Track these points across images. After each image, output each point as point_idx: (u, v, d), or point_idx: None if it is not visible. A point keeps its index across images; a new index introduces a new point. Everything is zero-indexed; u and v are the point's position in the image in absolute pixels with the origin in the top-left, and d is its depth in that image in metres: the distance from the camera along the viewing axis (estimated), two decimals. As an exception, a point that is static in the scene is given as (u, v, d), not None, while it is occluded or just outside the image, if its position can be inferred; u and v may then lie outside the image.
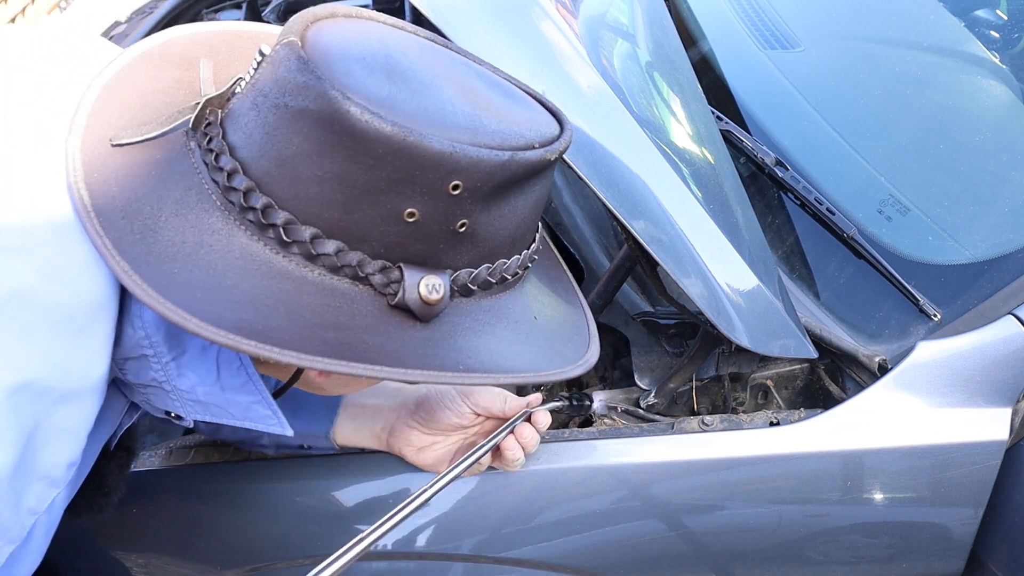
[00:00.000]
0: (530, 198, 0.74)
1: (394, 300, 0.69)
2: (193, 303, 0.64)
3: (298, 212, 0.67)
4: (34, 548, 0.74)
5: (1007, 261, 1.08)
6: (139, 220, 0.68)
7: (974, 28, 1.39)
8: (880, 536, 1.08)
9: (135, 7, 2.24)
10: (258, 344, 0.63)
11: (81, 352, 0.68)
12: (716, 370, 1.12)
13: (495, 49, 0.82)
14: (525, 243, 0.79)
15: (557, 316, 0.83)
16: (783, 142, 1.31)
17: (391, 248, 0.69)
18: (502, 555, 1.05)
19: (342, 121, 0.63)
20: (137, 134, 0.72)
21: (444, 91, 0.69)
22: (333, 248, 0.68)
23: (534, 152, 0.69)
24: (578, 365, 0.79)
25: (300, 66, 0.64)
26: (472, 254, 0.72)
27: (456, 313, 0.73)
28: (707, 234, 0.94)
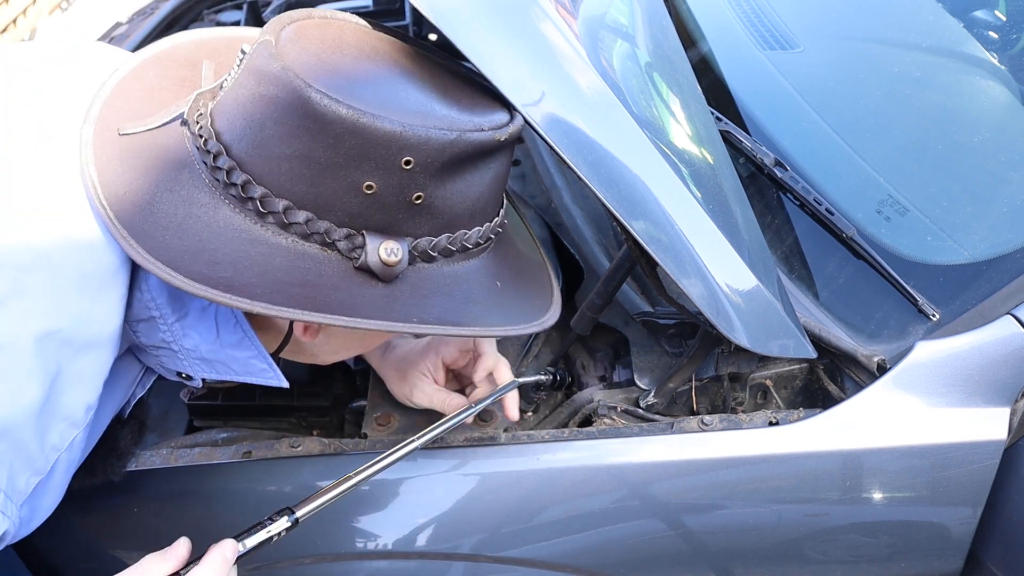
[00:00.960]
0: (486, 175, 0.82)
1: (358, 263, 0.79)
2: (179, 263, 0.75)
3: (273, 187, 0.78)
4: (55, 484, 0.83)
5: (1006, 261, 1.08)
6: (139, 195, 0.78)
7: (973, 29, 1.39)
8: (879, 535, 1.08)
9: (136, 8, 2.24)
10: (232, 296, 0.74)
11: (99, 308, 0.78)
12: (715, 370, 1.12)
13: (495, 49, 0.82)
14: (487, 216, 0.87)
15: (521, 284, 0.92)
16: (782, 142, 1.31)
17: (355, 217, 0.78)
18: (502, 555, 1.06)
19: (305, 106, 0.73)
20: (141, 125, 0.84)
21: (400, 83, 0.80)
22: (303, 217, 0.78)
23: (483, 133, 0.78)
24: (532, 324, 0.88)
25: (271, 60, 0.75)
26: (431, 224, 0.81)
27: (418, 276, 0.83)
28: (707, 234, 0.94)
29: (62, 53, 0.96)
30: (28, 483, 0.77)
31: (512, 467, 1.04)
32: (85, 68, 0.93)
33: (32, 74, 0.92)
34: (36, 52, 0.95)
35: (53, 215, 0.79)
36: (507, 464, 1.05)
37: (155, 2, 2.25)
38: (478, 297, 0.86)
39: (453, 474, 1.05)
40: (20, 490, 0.76)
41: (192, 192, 0.79)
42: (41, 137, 0.84)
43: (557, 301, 0.94)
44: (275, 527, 0.84)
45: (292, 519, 0.84)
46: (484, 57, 0.80)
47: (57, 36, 4.11)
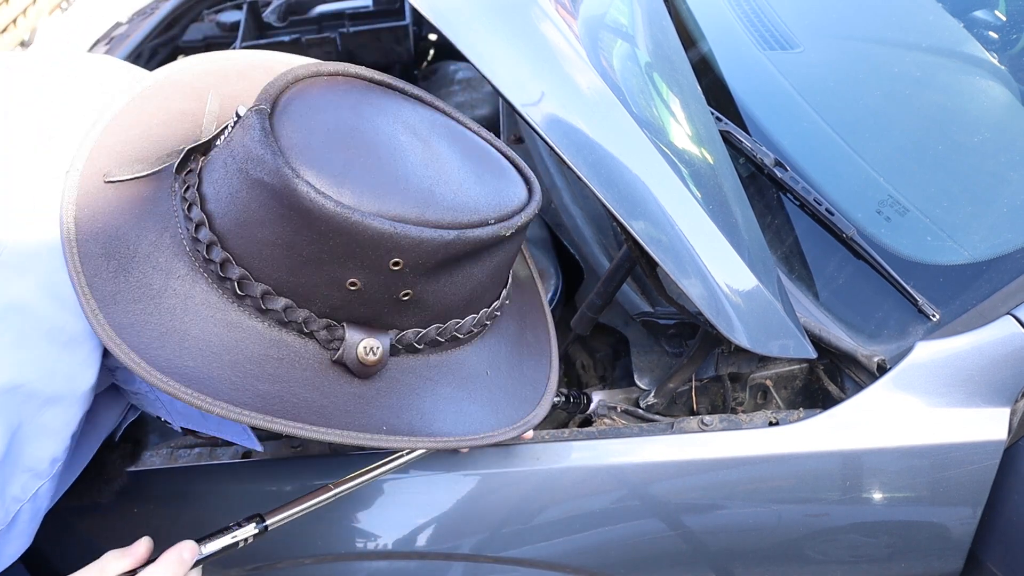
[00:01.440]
0: (488, 265, 0.76)
1: (335, 356, 0.74)
2: (145, 347, 0.70)
3: (252, 269, 0.73)
4: (19, 533, 0.79)
5: (1006, 261, 1.08)
6: (115, 258, 0.74)
7: (973, 29, 1.39)
8: (879, 535, 1.08)
9: (136, 8, 2.24)
10: (194, 393, 0.69)
11: (68, 361, 0.74)
12: (715, 370, 1.12)
13: (494, 50, 0.82)
14: (484, 303, 0.81)
15: (514, 371, 0.86)
16: (782, 143, 1.31)
17: (336, 309, 0.73)
18: (502, 555, 1.06)
19: (291, 197, 0.67)
20: (131, 171, 0.78)
21: (404, 163, 0.72)
22: (282, 305, 0.73)
23: (486, 229, 0.72)
24: (513, 428, 0.82)
25: (262, 139, 0.69)
26: (420, 317, 0.76)
27: (400, 369, 0.78)
28: (706, 234, 0.94)
29: (62, 53, 0.95)
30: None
31: (512, 467, 1.04)
32: (85, 68, 0.93)
33: (32, 74, 0.91)
34: (36, 52, 0.95)
35: (29, 262, 0.74)
36: (507, 464, 1.05)
37: (155, 2, 2.25)
38: (460, 394, 0.81)
39: (453, 474, 1.05)
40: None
41: (172, 261, 0.74)
42: (41, 137, 0.84)
43: (550, 390, 0.89)
44: (241, 533, 0.80)
45: (261, 526, 0.82)
46: (484, 57, 0.80)
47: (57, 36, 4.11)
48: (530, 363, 0.89)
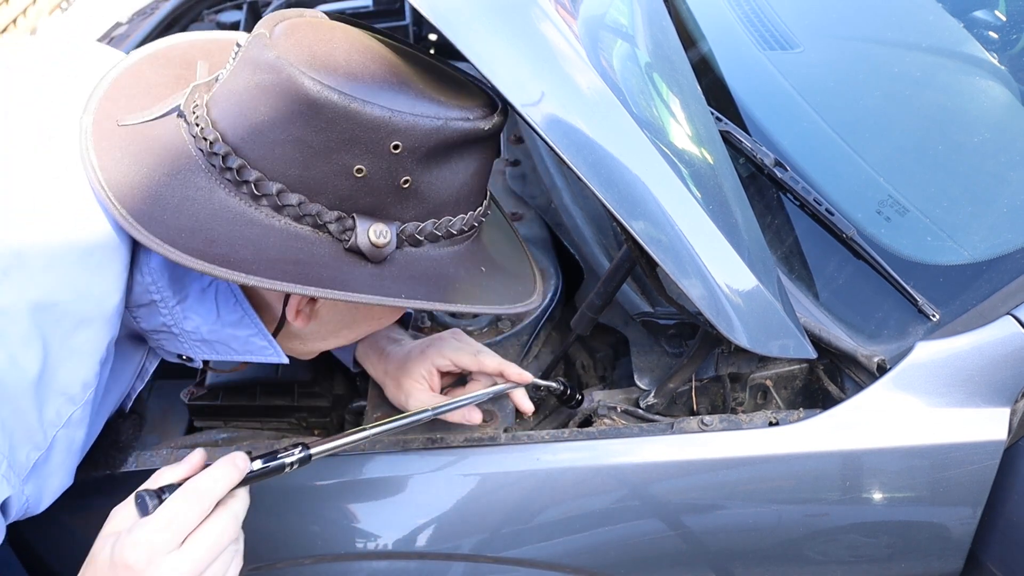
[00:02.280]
0: (471, 164, 0.86)
1: (348, 244, 0.82)
2: (178, 241, 0.78)
3: (267, 171, 0.80)
4: (57, 464, 0.84)
5: (1006, 261, 1.08)
6: (138, 179, 0.82)
7: (973, 29, 1.39)
8: (879, 535, 1.08)
9: (136, 8, 2.24)
10: (229, 271, 0.77)
11: (98, 283, 0.81)
12: (715, 370, 1.12)
13: (494, 50, 0.82)
14: (471, 204, 0.90)
15: (504, 271, 0.95)
16: (782, 143, 1.31)
17: (344, 200, 0.81)
18: (502, 555, 1.06)
19: (298, 91, 0.76)
20: (139, 117, 0.87)
21: (388, 76, 0.82)
22: (296, 200, 0.81)
23: (468, 122, 0.82)
24: (517, 305, 0.91)
25: (266, 50, 0.78)
26: (418, 209, 0.84)
27: (406, 258, 0.86)
28: (706, 235, 0.94)
29: (62, 53, 0.96)
30: (28, 457, 0.79)
31: (512, 467, 1.04)
32: (85, 68, 0.94)
33: (32, 74, 0.92)
34: (36, 52, 0.96)
35: (55, 208, 0.81)
36: (507, 464, 1.05)
37: (155, 2, 2.25)
38: (463, 279, 0.89)
39: (453, 474, 1.05)
40: (21, 462, 0.78)
41: (189, 176, 0.82)
42: (41, 137, 0.84)
43: (539, 289, 0.97)
44: (287, 456, 0.84)
45: (305, 453, 0.85)
46: (484, 57, 0.80)
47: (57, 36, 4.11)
48: (516, 271, 0.98)
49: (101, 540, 0.77)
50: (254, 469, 0.81)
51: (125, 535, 0.74)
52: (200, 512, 0.76)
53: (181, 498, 0.76)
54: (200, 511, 0.76)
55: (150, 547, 0.73)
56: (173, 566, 0.73)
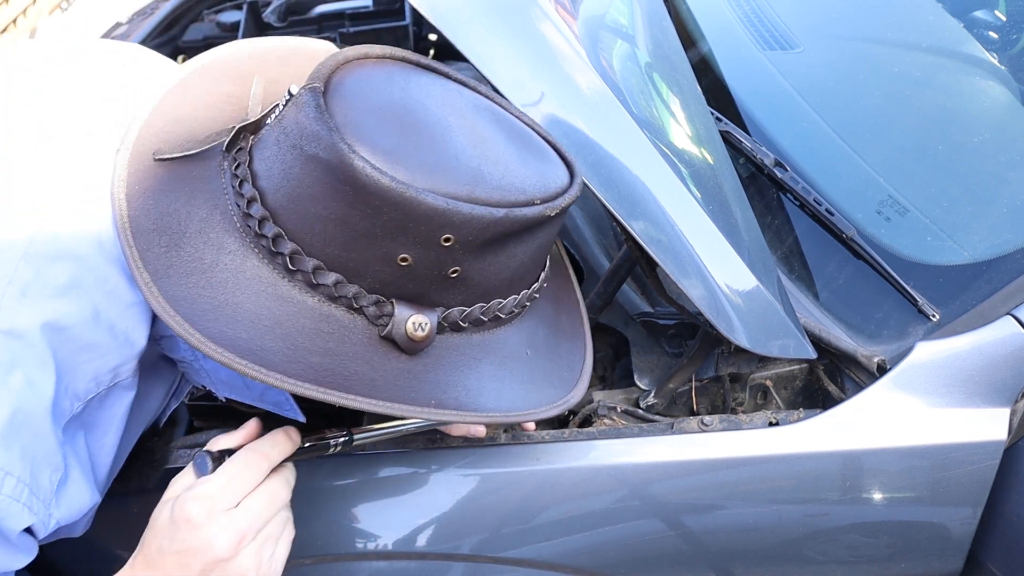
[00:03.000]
0: (531, 246, 0.77)
1: (383, 332, 0.75)
2: (199, 319, 0.72)
3: (304, 244, 0.73)
4: (78, 482, 0.81)
5: (1006, 262, 1.08)
6: (167, 234, 0.76)
7: (973, 29, 1.39)
8: (879, 536, 1.08)
9: (136, 8, 2.24)
10: (248, 364, 0.70)
11: (110, 308, 0.78)
12: (715, 370, 1.12)
13: (494, 50, 0.82)
14: (525, 283, 0.82)
15: (551, 352, 0.87)
16: (782, 143, 1.31)
17: (386, 285, 0.74)
18: (502, 555, 1.06)
19: (346, 172, 0.68)
20: (179, 149, 0.80)
21: (453, 143, 0.73)
22: (332, 280, 0.74)
23: (532, 208, 0.73)
24: (553, 407, 0.84)
25: (317, 115, 0.70)
26: (465, 295, 0.77)
27: (445, 347, 0.79)
28: (706, 235, 0.94)
29: (62, 53, 0.96)
30: (51, 480, 0.77)
31: (512, 467, 1.04)
32: (85, 68, 0.93)
33: (32, 74, 0.92)
34: (36, 52, 0.95)
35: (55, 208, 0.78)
36: (507, 464, 1.05)
37: (155, 2, 2.25)
38: (502, 372, 0.82)
39: (453, 474, 1.05)
40: (44, 487, 0.76)
41: (222, 237, 0.76)
42: (41, 137, 0.84)
43: (587, 369, 0.90)
44: (333, 437, 0.86)
45: (348, 437, 0.87)
46: (484, 58, 0.80)
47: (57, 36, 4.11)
48: (566, 345, 0.90)
49: (160, 505, 0.79)
50: (303, 445, 0.83)
51: (185, 493, 0.76)
52: (258, 475, 0.78)
53: (240, 459, 0.78)
54: (258, 474, 0.78)
55: (210, 502, 0.75)
56: (232, 523, 0.75)
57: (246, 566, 0.76)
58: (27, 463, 0.73)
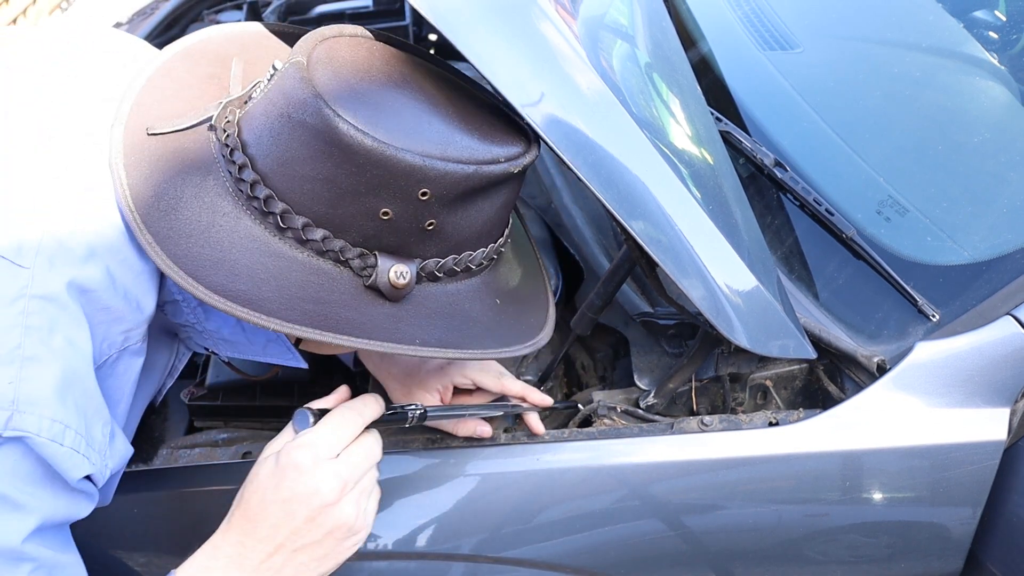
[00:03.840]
0: (496, 201, 0.85)
1: (368, 281, 0.82)
2: (201, 274, 0.78)
3: (293, 203, 0.80)
4: (120, 438, 0.86)
5: (1006, 262, 1.08)
6: (164, 199, 0.82)
7: (973, 29, 1.39)
8: (879, 536, 1.08)
9: (136, 8, 2.24)
10: (249, 311, 0.78)
11: (140, 288, 0.83)
12: (715, 370, 1.12)
13: (494, 50, 0.82)
14: (492, 237, 0.90)
15: (518, 299, 0.95)
16: (782, 143, 1.31)
17: (369, 239, 0.81)
18: (502, 555, 1.06)
19: (332, 134, 0.75)
20: (170, 125, 0.86)
21: (424, 111, 0.82)
22: (320, 235, 0.81)
23: (499, 166, 0.81)
24: (525, 346, 0.91)
25: (304, 85, 0.77)
26: (440, 247, 0.84)
27: (423, 295, 0.86)
28: (706, 235, 0.94)
29: (62, 53, 0.96)
30: (104, 433, 0.80)
31: (512, 467, 1.04)
32: (85, 68, 0.93)
33: (32, 74, 0.92)
34: (36, 52, 0.95)
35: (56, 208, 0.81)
36: (507, 464, 1.05)
37: (155, 2, 2.25)
38: (478, 316, 0.89)
39: (453, 474, 1.05)
40: (98, 439, 0.79)
41: (216, 200, 0.82)
42: (41, 137, 0.84)
43: (551, 316, 0.97)
44: (410, 410, 0.91)
45: (423, 410, 0.93)
46: (484, 58, 0.80)
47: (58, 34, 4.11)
48: (531, 297, 0.97)
49: (260, 461, 0.85)
50: (386, 413, 0.89)
51: (291, 443, 0.83)
52: (354, 431, 0.85)
53: (339, 415, 0.85)
54: (354, 430, 0.85)
55: (316, 450, 0.81)
56: (335, 470, 0.81)
57: (348, 513, 0.82)
58: (81, 417, 0.77)
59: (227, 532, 0.84)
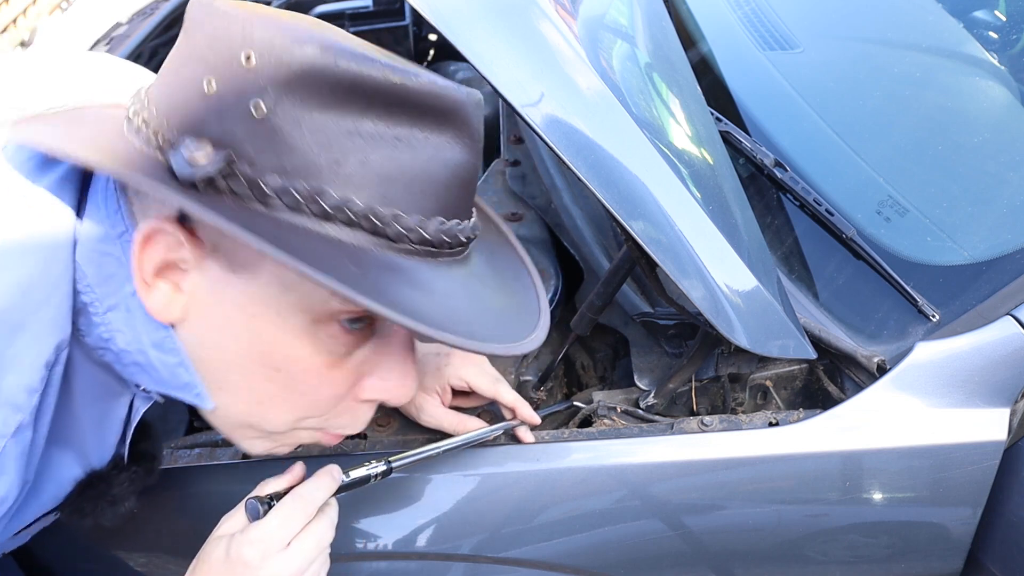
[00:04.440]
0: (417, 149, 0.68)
1: (167, 160, 0.67)
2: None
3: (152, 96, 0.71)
4: (10, 472, 0.74)
5: (1006, 262, 1.08)
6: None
7: (973, 29, 1.39)
8: (879, 536, 1.08)
9: (136, 8, 2.24)
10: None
11: (37, 283, 0.72)
12: (715, 371, 1.12)
13: (494, 51, 0.82)
14: (432, 205, 0.71)
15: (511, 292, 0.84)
16: (782, 143, 1.31)
17: (195, 124, 0.67)
18: (502, 555, 1.06)
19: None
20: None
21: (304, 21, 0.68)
22: (150, 114, 0.69)
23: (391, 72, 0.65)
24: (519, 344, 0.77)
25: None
26: (279, 158, 0.65)
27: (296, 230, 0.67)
28: (706, 235, 0.94)
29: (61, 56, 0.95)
30: None
31: (512, 468, 1.04)
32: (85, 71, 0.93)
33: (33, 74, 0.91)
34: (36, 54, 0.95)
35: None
36: (507, 465, 1.05)
37: (155, 2, 2.24)
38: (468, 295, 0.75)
39: (453, 474, 1.05)
40: None
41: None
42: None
43: (544, 319, 0.84)
44: (373, 468, 0.90)
45: (388, 466, 0.91)
46: (484, 58, 0.80)
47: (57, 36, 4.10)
48: (521, 294, 0.86)
49: (213, 542, 0.84)
50: (345, 480, 0.88)
51: (240, 535, 0.81)
52: (306, 516, 0.82)
53: (290, 503, 0.82)
54: (306, 515, 0.83)
55: (265, 546, 0.80)
56: (283, 565, 0.80)
57: None
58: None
59: None
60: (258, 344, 0.74)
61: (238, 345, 0.75)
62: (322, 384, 0.78)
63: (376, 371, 0.81)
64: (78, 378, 0.79)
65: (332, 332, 0.75)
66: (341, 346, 0.77)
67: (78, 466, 0.87)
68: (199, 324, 0.75)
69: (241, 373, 0.77)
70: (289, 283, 0.72)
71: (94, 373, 0.80)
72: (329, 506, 0.86)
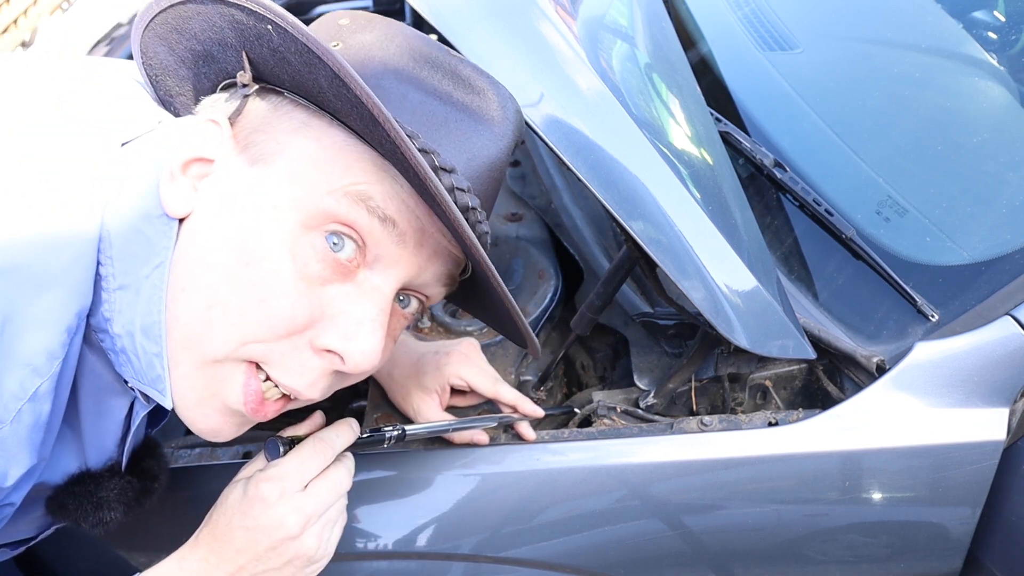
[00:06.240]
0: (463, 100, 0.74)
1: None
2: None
3: None
4: (22, 440, 0.73)
5: (1005, 262, 1.08)
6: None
7: (972, 29, 1.40)
8: (878, 535, 1.08)
9: (136, 8, 2.24)
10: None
11: (63, 247, 0.72)
12: (715, 371, 1.12)
13: (494, 51, 0.82)
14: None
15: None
16: (782, 143, 1.31)
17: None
18: (502, 555, 1.06)
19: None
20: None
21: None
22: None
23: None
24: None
25: None
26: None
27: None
28: (706, 235, 0.94)
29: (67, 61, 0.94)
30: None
31: (512, 467, 1.04)
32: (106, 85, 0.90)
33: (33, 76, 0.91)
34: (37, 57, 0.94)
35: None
36: (507, 464, 1.05)
37: (155, 2, 2.24)
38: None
39: (453, 474, 1.05)
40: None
41: None
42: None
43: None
44: (388, 429, 0.91)
45: (401, 431, 0.92)
46: (484, 58, 0.80)
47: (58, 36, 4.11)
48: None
49: (231, 485, 0.85)
50: (362, 436, 0.89)
51: (259, 474, 0.83)
52: (324, 461, 0.85)
53: (309, 446, 0.85)
54: (324, 460, 0.85)
55: (282, 484, 0.82)
56: (300, 504, 0.82)
57: (309, 545, 0.83)
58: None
59: (195, 547, 0.85)
60: (242, 232, 0.73)
61: (223, 235, 0.73)
62: (283, 294, 0.73)
63: (341, 318, 0.75)
64: (79, 362, 0.78)
65: (316, 245, 0.73)
66: (317, 264, 0.73)
67: (74, 459, 0.85)
68: (197, 219, 0.75)
69: (210, 266, 0.74)
70: (295, 177, 0.73)
71: (92, 361, 0.79)
72: (347, 456, 0.88)
